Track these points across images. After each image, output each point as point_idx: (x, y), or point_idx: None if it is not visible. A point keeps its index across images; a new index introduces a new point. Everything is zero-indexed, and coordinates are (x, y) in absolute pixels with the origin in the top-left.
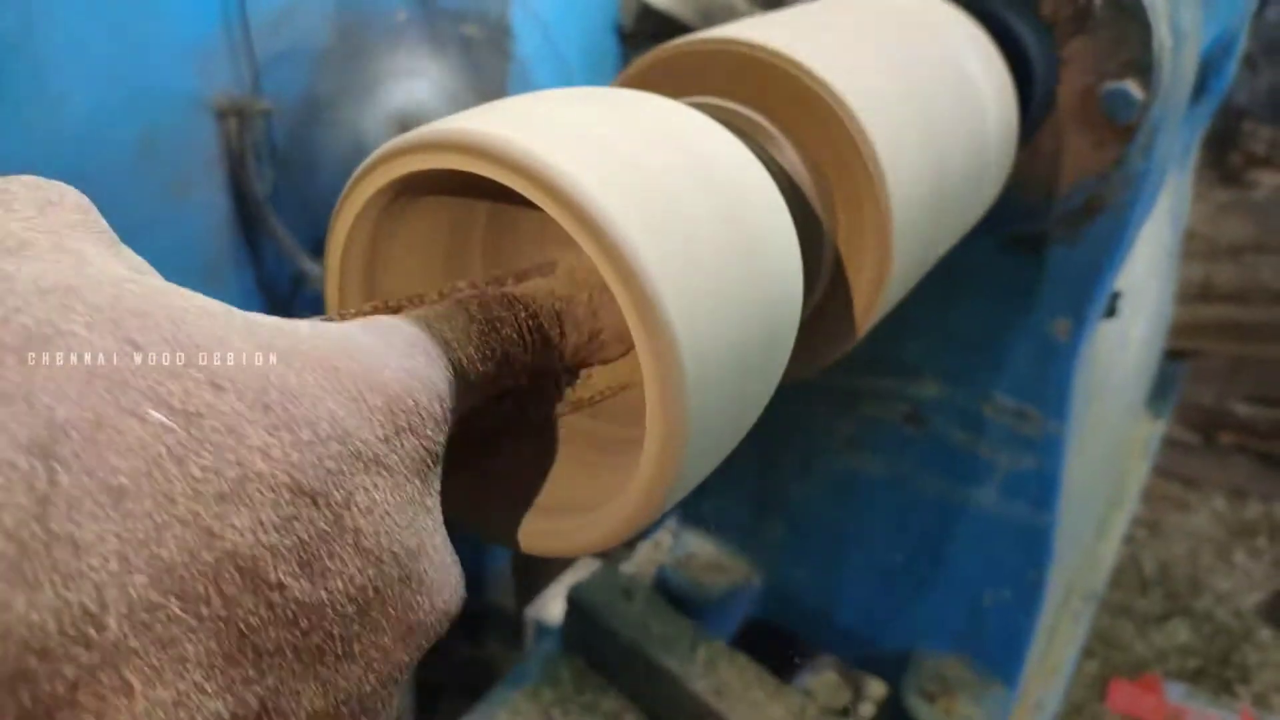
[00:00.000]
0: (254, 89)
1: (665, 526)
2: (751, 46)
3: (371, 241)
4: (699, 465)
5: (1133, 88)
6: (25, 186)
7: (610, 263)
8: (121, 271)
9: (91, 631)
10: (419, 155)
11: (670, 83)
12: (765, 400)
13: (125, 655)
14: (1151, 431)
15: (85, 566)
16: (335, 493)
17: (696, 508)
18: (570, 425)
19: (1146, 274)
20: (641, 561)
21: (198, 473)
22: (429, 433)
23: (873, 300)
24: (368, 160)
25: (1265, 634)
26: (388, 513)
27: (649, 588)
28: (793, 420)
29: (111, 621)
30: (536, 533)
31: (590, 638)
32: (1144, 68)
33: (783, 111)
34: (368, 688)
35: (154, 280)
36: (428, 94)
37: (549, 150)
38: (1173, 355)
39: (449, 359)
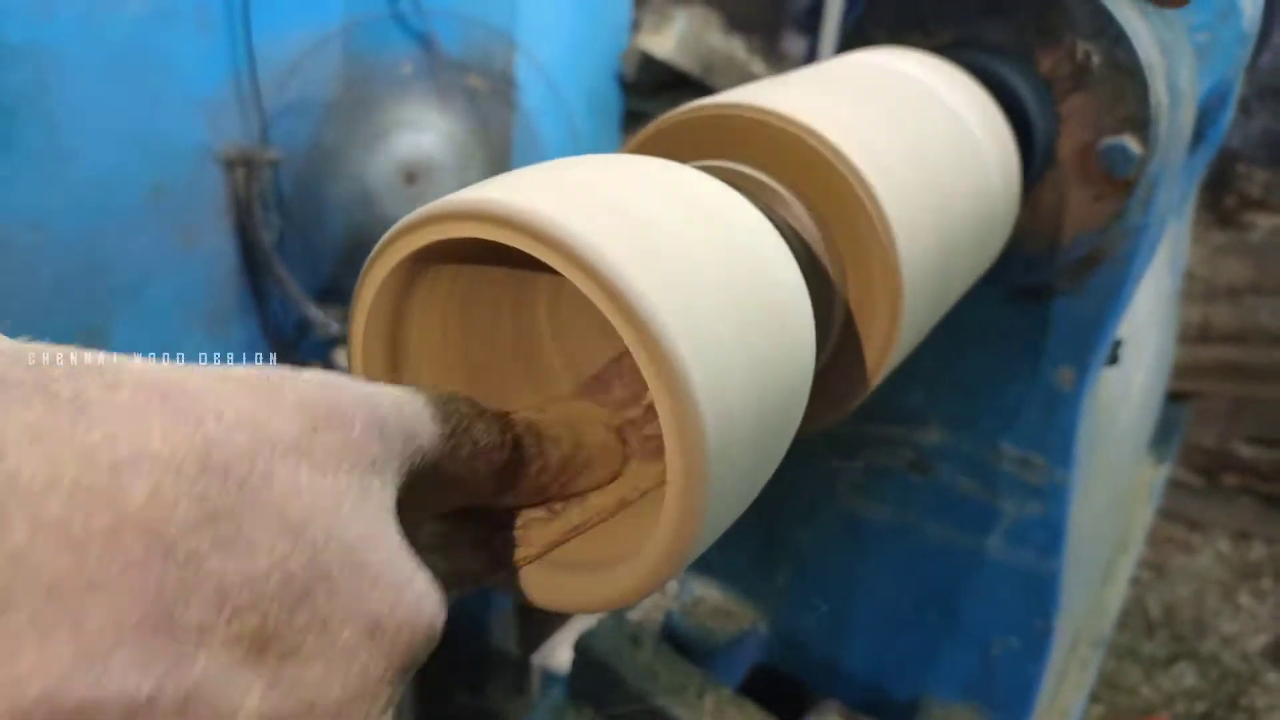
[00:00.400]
0: (262, 140)
1: None
2: (756, 110)
3: (394, 309)
4: (717, 524)
5: (1131, 143)
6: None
7: (633, 330)
8: None
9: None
10: (444, 225)
11: (677, 148)
12: (780, 458)
13: (4, 603)
14: (1155, 476)
15: None
16: (248, 467)
17: (703, 554)
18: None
19: (1147, 321)
20: (648, 608)
21: (82, 446)
22: (355, 436)
23: (882, 357)
24: (393, 229)
25: (1272, 677)
26: (316, 496)
27: (656, 635)
28: (799, 467)
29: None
30: (554, 589)
31: (598, 686)
32: (1142, 123)
33: (790, 173)
34: (335, 694)
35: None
36: (434, 144)
37: (566, 216)
38: (1173, 397)
39: (392, 398)
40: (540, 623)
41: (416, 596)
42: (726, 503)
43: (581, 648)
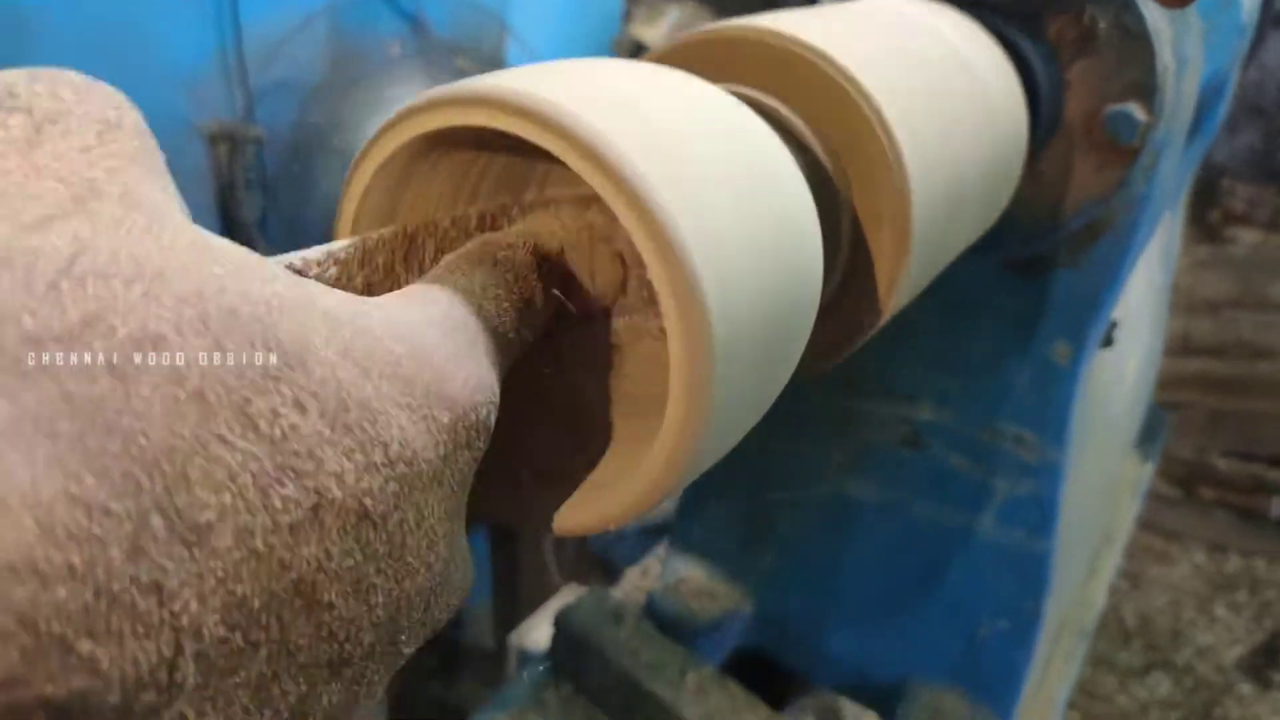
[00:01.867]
0: (247, 117)
1: (654, 554)
2: (770, 34)
3: (390, 195)
4: (720, 440)
5: (1136, 110)
6: (77, 93)
7: (645, 229)
8: (198, 238)
9: (163, 676)
10: (450, 110)
11: (691, 69)
12: (785, 379)
13: (187, 694)
14: (1141, 473)
15: (167, 614)
16: (395, 515)
17: (687, 533)
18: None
19: (1140, 309)
20: (630, 588)
21: (278, 503)
22: (480, 444)
23: (891, 286)
24: (393, 115)
25: (1246, 688)
26: (434, 527)
27: (638, 613)
28: (785, 444)
29: (183, 665)
30: (549, 506)
31: (578, 663)
32: (1148, 90)
33: (803, 99)
34: (377, 677)
35: (228, 251)
36: None
37: (585, 111)
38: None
39: (494, 340)
40: (515, 612)
41: (463, 590)
42: (732, 409)
43: (562, 623)
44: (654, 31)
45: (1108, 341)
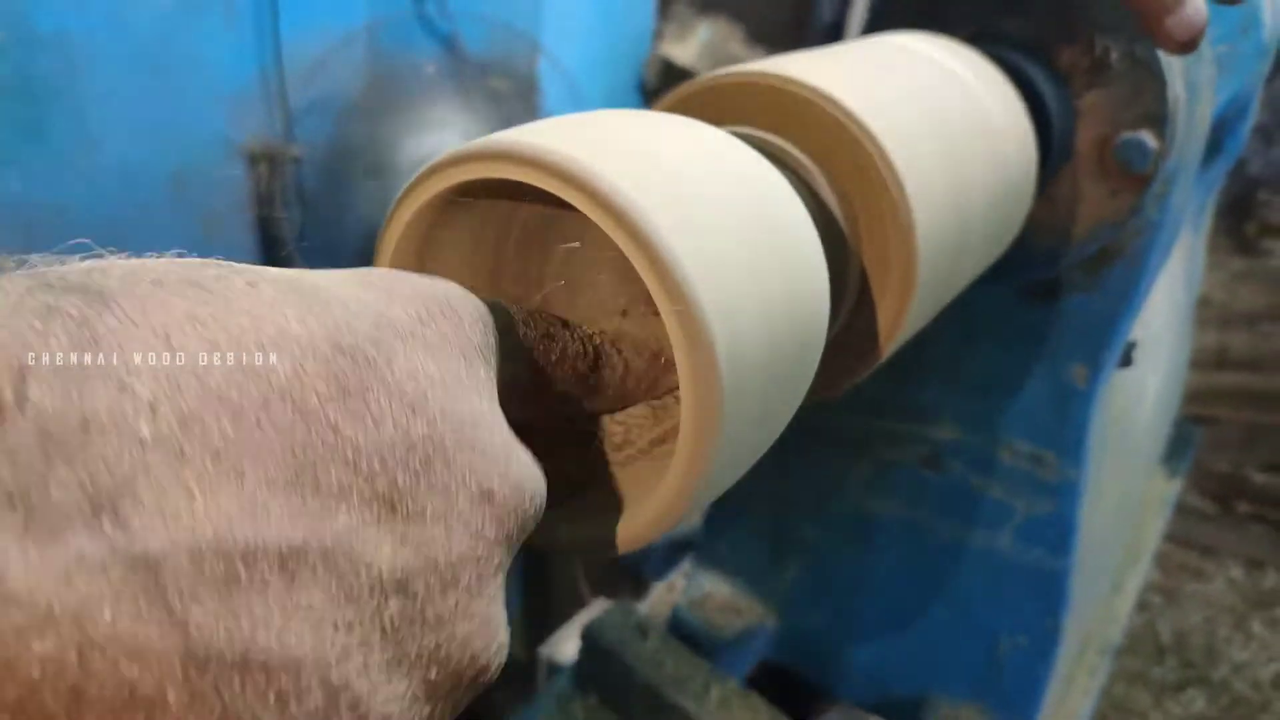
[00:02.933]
0: (286, 135)
1: (680, 569)
2: (776, 78)
3: (419, 251)
4: (728, 470)
5: (1148, 138)
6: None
7: (653, 268)
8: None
9: (143, 424)
10: (475, 164)
11: (702, 114)
12: (792, 411)
13: (179, 456)
14: (1167, 490)
15: (136, 383)
16: (372, 350)
17: (712, 549)
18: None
19: (1162, 329)
20: (656, 602)
21: (235, 330)
22: (463, 324)
23: (896, 322)
24: (423, 169)
25: None
26: (431, 379)
27: (664, 628)
28: (809, 462)
29: (164, 416)
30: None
31: (604, 675)
32: (1159, 119)
33: (810, 141)
34: (454, 555)
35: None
36: (455, 144)
37: (595, 160)
38: (1189, 421)
39: (490, 309)
40: (546, 624)
41: (521, 467)
42: (740, 440)
43: (588, 636)
44: (685, 49)
45: (1126, 362)
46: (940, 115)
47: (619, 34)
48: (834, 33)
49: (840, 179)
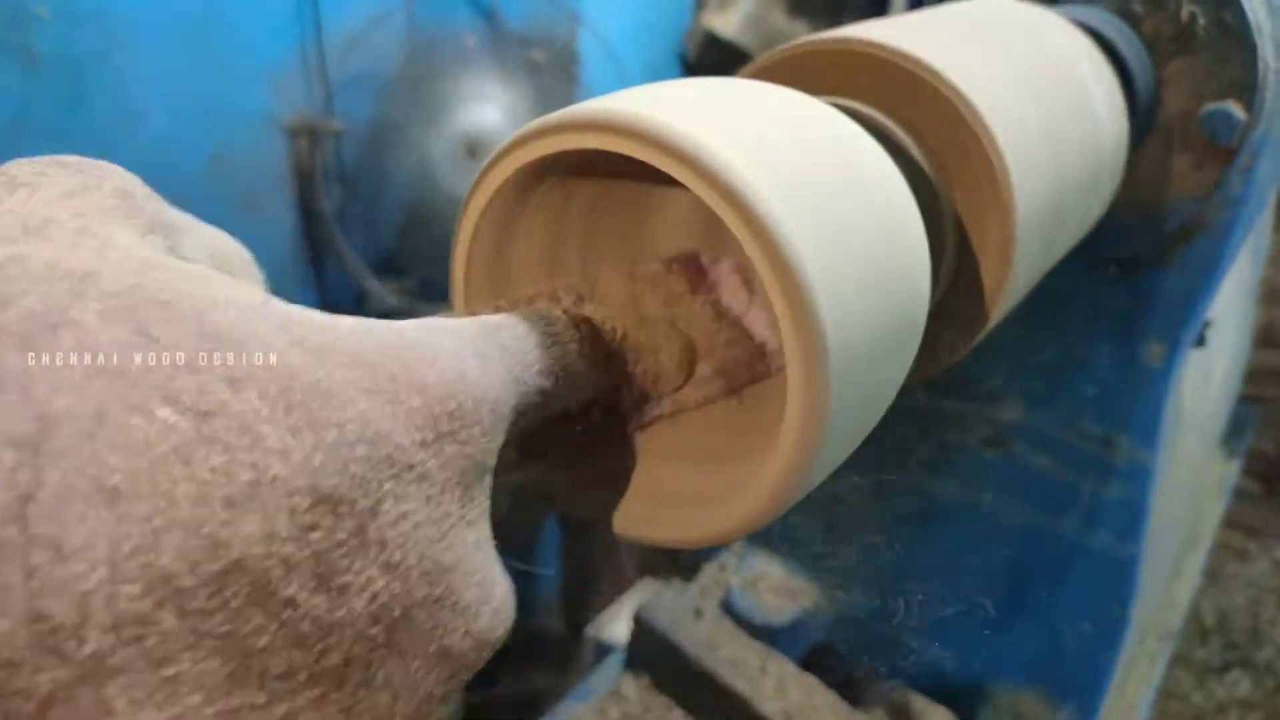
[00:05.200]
0: (326, 110)
1: (731, 549)
2: (871, 45)
3: (500, 226)
4: (833, 456)
5: (1235, 109)
6: (63, 168)
7: (762, 249)
8: (150, 257)
9: (69, 645)
10: (567, 135)
11: (792, 82)
12: (895, 391)
13: (107, 673)
14: (1227, 471)
15: (66, 574)
16: (360, 500)
17: (765, 529)
18: (689, 416)
19: (1229, 307)
20: (708, 583)
21: (205, 474)
22: (474, 441)
23: (995, 296)
24: (507, 141)
25: None
26: (419, 525)
27: (717, 609)
28: (867, 442)
29: (93, 635)
30: (653, 523)
31: (657, 656)
32: (1247, 89)
33: (905, 109)
34: (397, 715)
35: (190, 268)
36: (495, 118)
37: (700, 131)
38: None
39: (506, 366)
40: (587, 602)
41: (492, 616)
42: (845, 427)
43: (642, 618)
44: (726, 21)
45: (1200, 341)
46: (1037, 82)
47: (659, 5)
48: (877, 4)
49: (935, 147)
